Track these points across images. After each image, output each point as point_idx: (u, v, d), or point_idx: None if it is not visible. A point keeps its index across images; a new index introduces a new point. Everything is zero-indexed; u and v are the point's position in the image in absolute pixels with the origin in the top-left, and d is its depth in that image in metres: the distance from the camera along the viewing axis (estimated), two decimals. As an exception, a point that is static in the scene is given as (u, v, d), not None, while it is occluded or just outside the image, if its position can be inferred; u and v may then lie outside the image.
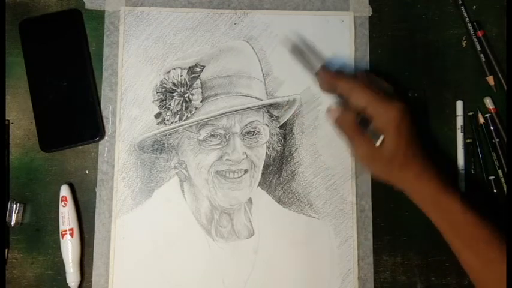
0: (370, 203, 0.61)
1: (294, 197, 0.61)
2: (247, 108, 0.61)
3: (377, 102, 0.53)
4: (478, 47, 0.63)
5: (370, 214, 0.61)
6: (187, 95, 0.61)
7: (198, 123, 0.61)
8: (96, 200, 0.60)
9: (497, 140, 0.62)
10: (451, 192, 0.53)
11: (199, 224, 0.60)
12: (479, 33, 0.63)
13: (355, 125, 0.55)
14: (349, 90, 0.55)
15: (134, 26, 0.62)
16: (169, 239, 0.60)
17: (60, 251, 0.58)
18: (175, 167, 0.61)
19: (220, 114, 0.61)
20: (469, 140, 0.63)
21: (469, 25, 0.63)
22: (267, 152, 0.61)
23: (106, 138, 0.61)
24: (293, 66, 0.62)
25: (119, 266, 0.59)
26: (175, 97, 0.61)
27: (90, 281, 0.58)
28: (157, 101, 0.61)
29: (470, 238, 0.52)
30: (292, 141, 0.62)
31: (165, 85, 0.62)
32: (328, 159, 0.61)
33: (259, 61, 0.62)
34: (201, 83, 0.61)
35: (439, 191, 0.53)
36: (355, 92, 0.54)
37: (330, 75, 0.57)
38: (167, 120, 0.61)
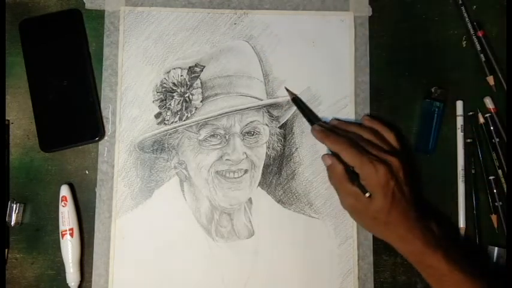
0: (370, 203, 0.61)
1: (294, 197, 0.61)
2: (247, 108, 0.61)
3: (364, 164, 0.53)
4: (478, 47, 0.63)
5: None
6: (187, 95, 0.61)
7: (198, 123, 0.61)
8: (96, 200, 0.60)
9: (497, 140, 0.62)
10: (436, 251, 0.52)
11: (199, 224, 0.60)
12: (479, 33, 0.63)
13: (344, 176, 0.55)
14: (337, 150, 0.56)
15: (134, 26, 0.62)
16: (169, 239, 0.60)
17: (60, 251, 0.58)
18: (175, 167, 0.61)
19: (220, 114, 0.61)
20: (469, 140, 0.63)
21: (469, 25, 0.63)
22: (267, 152, 0.61)
23: (106, 138, 0.61)
24: (293, 66, 0.62)
25: (119, 266, 0.59)
26: (175, 97, 0.61)
27: (90, 281, 0.58)
28: (157, 101, 0.61)
29: None
30: (292, 141, 0.62)
31: (165, 85, 0.62)
32: (328, 159, 0.61)
33: (259, 61, 0.62)
34: (201, 83, 0.61)
35: (423, 251, 0.53)
36: (342, 152, 0.55)
37: (321, 133, 0.58)
38: (167, 120, 0.61)
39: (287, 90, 0.62)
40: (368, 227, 0.57)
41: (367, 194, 0.54)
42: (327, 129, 0.58)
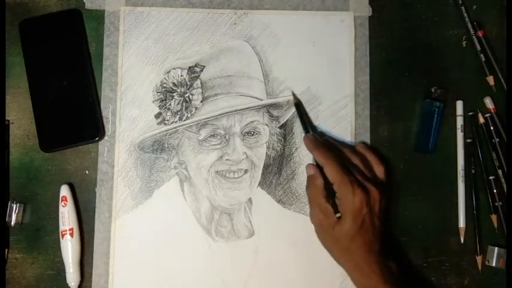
0: (370, 203, 0.61)
1: (294, 197, 0.61)
2: (247, 108, 0.61)
3: (343, 183, 0.53)
4: (478, 47, 0.63)
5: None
6: (187, 95, 0.61)
7: (198, 123, 0.61)
8: (96, 200, 0.60)
9: (497, 140, 0.62)
10: None
11: (199, 224, 0.60)
12: (479, 33, 0.63)
13: (321, 190, 0.55)
14: (323, 162, 0.55)
15: (134, 26, 0.62)
16: (169, 239, 0.60)
17: (60, 251, 0.58)
18: (175, 167, 0.61)
19: (220, 114, 0.61)
20: (469, 140, 0.63)
21: (469, 25, 0.63)
22: (267, 152, 0.61)
23: (106, 138, 0.61)
24: (293, 66, 0.62)
25: (119, 266, 0.59)
26: (175, 97, 0.61)
27: (90, 281, 0.58)
28: (157, 101, 0.61)
29: None
30: (292, 141, 0.62)
31: (165, 85, 0.62)
32: (328, 159, 0.61)
33: (259, 61, 0.62)
34: (201, 83, 0.61)
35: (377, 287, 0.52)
36: (326, 166, 0.55)
37: (312, 143, 0.58)
38: (167, 120, 0.61)
39: (293, 94, 0.61)
40: (328, 248, 0.56)
41: (338, 215, 0.54)
42: (319, 141, 0.58)
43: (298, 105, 0.61)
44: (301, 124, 0.61)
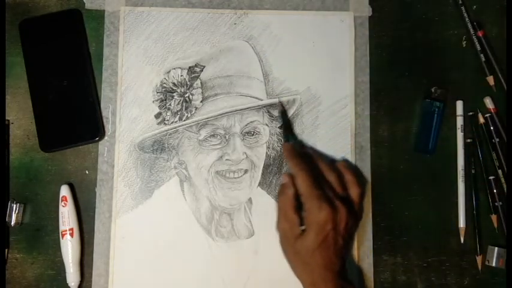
0: (370, 203, 0.61)
1: (294, 197, 0.61)
2: (247, 108, 0.61)
3: (312, 197, 0.52)
4: (478, 47, 0.63)
5: (370, 214, 0.61)
6: (187, 95, 0.61)
7: (198, 123, 0.61)
8: (96, 200, 0.60)
9: (497, 140, 0.62)
10: None
11: (199, 224, 0.60)
12: (479, 33, 0.63)
13: (291, 201, 0.54)
14: (295, 172, 0.55)
15: (134, 26, 0.62)
16: (169, 239, 0.60)
17: (60, 251, 0.58)
18: (175, 167, 0.61)
19: (220, 114, 0.61)
20: (469, 140, 0.63)
21: (469, 25, 0.63)
22: (267, 152, 0.61)
23: (106, 138, 0.61)
24: (293, 66, 0.62)
25: (119, 266, 0.59)
26: (175, 97, 0.61)
27: (90, 281, 0.58)
28: (157, 101, 0.61)
29: None
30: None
31: (165, 85, 0.62)
32: (328, 159, 0.62)
33: (259, 61, 0.62)
34: (201, 83, 0.61)
35: None
36: (298, 177, 0.54)
37: (289, 151, 0.57)
38: (167, 120, 0.61)
39: (280, 102, 0.61)
40: (289, 259, 0.55)
41: (302, 227, 0.53)
42: (295, 151, 0.57)
43: (283, 113, 0.61)
44: (283, 131, 0.61)
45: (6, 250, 0.59)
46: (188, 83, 0.61)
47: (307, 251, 0.52)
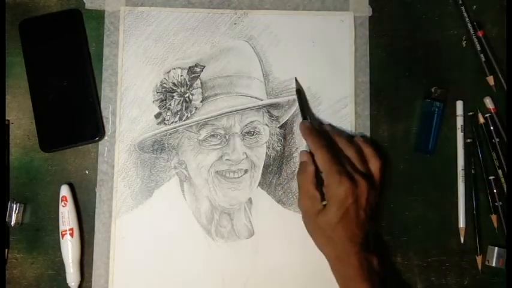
0: (370, 203, 0.61)
1: (294, 197, 0.61)
2: (247, 108, 0.61)
3: (331, 172, 0.53)
4: (478, 47, 0.63)
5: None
6: (187, 95, 0.61)
7: (198, 123, 0.61)
8: (96, 200, 0.60)
9: (497, 140, 0.62)
10: (364, 282, 0.52)
11: (199, 224, 0.60)
12: (479, 33, 0.63)
13: (311, 178, 0.55)
14: (314, 149, 0.56)
15: (134, 26, 0.62)
16: (169, 239, 0.60)
17: (60, 251, 0.58)
18: (175, 167, 0.61)
19: (220, 114, 0.61)
20: (469, 140, 0.63)
21: (469, 25, 0.63)
22: (267, 152, 0.61)
23: (106, 138, 0.61)
24: (293, 66, 0.62)
25: (119, 266, 0.59)
26: (175, 97, 0.61)
27: (90, 281, 0.58)
28: (157, 101, 0.61)
29: None
30: (292, 141, 0.62)
31: (165, 85, 0.62)
32: (328, 159, 0.61)
33: (259, 61, 0.62)
34: (201, 83, 0.61)
35: (354, 279, 0.52)
36: (317, 154, 0.55)
37: (307, 129, 0.58)
38: (167, 120, 0.61)
39: (296, 80, 0.62)
40: (312, 235, 0.56)
41: (324, 203, 0.54)
42: (314, 129, 0.58)
43: (299, 92, 0.61)
44: (300, 111, 0.61)
45: (6, 250, 0.59)
46: (188, 83, 0.61)
47: (329, 226, 0.53)
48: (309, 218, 0.56)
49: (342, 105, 0.62)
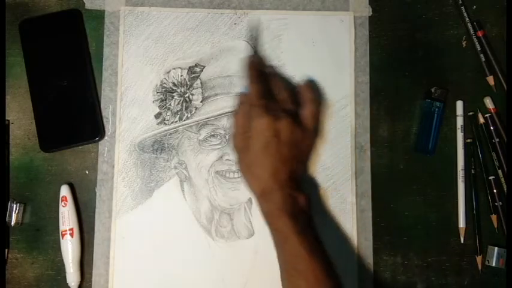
0: (370, 203, 0.61)
1: (294, 197, 0.61)
2: (247, 108, 0.61)
3: (255, 106, 0.54)
4: (478, 47, 0.63)
5: (370, 214, 0.61)
6: (187, 95, 0.61)
7: (198, 123, 0.61)
8: (96, 200, 0.60)
9: (497, 140, 0.62)
10: (283, 215, 0.51)
11: (199, 224, 0.60)
12: (479, 33, 0.63)
13: (244, 115, 0.56)
14: (248, 84, 0.57)
15: (134, 26, 0.62)
16: (169, 239, 0.60)
17: (60, 251, 0.58)
18: (175, 167, 0.61)
19: (220, 114, 0.61)
20: (469, 140, 0.63)
21: (469, 25, 0.63)
22: (267, 152, 0.61)
23: (106, 138, 0.61)
24: (293, 66, 0.62)
25: (119, 266, 0.59)
26: (175, 97, 0.61)
27: (90, 281, 0.58)
28: (157, 101, 0.61)
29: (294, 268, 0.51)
30: (292, 141, 0.62)
31: (165, 85, 0.62)
32: (328, 159, 0.61)
33: (259, 61, 0.62)
34: (201, 83, 0.61)
35: (276, 215, 0.52)
36: (250, 88, 0.57)
37: (249, 63, 0.59)
38: (167, 120, 0.61)
39: (255, 18, 0.62)
40: (243, 175, 0.56)
41: (248, 134, 0.54)
42: (256, 64, 0.59)
43: (254, 29, 0.62)
44: (251, 45, 0.62)
45: (6, 250, 0.59)
46: (188, 83, 0.61)
47: (252, 161, 0.54)
48: (238, 156, 0.57)
49: (342, 105, 0.62)
